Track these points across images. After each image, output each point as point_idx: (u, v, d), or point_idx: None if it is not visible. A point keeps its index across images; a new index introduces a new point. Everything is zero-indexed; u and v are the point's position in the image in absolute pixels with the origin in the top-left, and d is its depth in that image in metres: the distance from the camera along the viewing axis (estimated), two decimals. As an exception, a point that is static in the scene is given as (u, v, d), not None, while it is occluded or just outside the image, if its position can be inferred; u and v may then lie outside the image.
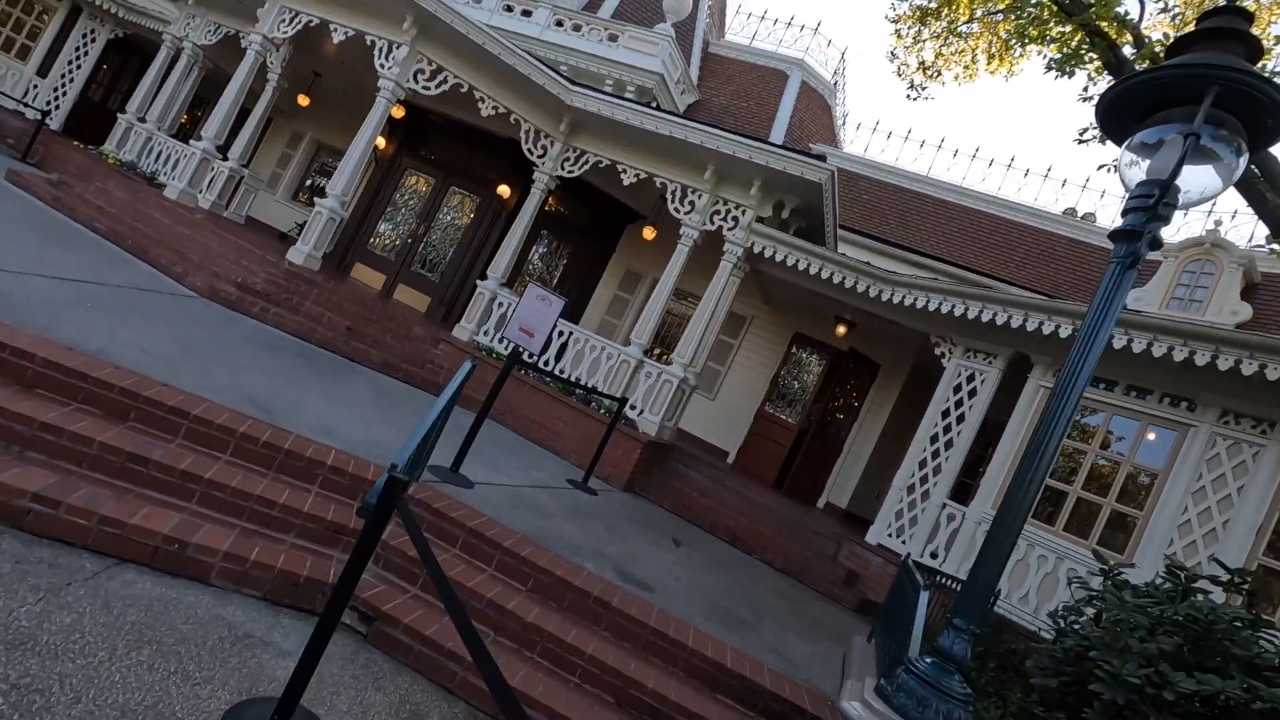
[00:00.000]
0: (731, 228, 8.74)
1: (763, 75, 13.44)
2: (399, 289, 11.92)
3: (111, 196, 9.02)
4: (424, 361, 8.48)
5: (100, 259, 6.67)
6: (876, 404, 10.82)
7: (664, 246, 10.88)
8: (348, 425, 5.01)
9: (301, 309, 7.80)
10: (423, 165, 12.22)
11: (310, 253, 8.71)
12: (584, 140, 9.55)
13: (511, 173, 11.51)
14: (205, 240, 8.43)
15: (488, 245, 11.57)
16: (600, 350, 8.91)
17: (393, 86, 8.82)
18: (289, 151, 15.71)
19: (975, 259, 11.17)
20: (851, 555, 7.92)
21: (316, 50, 11.44)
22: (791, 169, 7.88)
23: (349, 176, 8.89)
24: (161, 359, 4.48)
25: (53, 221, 7.50)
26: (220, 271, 7.65)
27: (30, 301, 4.39)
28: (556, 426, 8.22)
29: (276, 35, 9.70)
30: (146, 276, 6.88)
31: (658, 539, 6.22)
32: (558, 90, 8.87)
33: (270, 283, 7.89)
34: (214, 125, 9.81)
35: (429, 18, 8.42)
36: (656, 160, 9.07)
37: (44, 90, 14.24)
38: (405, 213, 12.33)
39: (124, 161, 11.95)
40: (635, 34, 11.51)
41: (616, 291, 12.45)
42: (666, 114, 8.51)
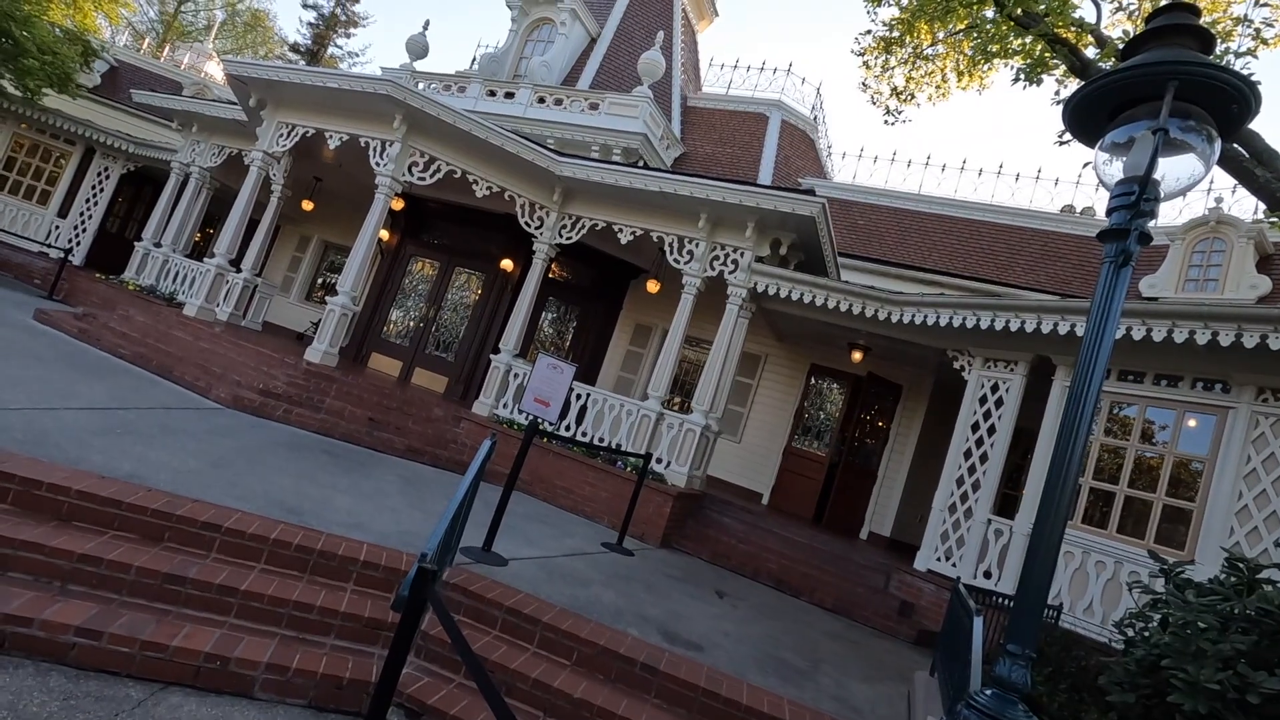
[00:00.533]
0: (732, 271, 8.84)
1: (743, 120, 13.81)
2: (416, 373, 12.10)
3: (134, 322, 9.36)
4: (447, 442, 8.54)
5: (127, 384, 6.89)
6: (905, 426, 10.66)
7: (669, 297, 11.00)
8: (376, 517, 5.03)
9: (323, 406, 7.94)
10: (426, 250, 12.58)
11: (327, 350, 8.93)
12: (578, 206, 9.80)
13: (512, 246, 11.80)
14: (225, 351, 8.68)
15: (497, 319, 11.77)
16: (619, 408, 8.93)
17: (389, 181, 9.17)
18: (298, 255, 16.27)
19: (980, 268, 11.16)
20: (902, 585, 7.68)
21: (315, 156, 11.98)
22: (783, 206, 8.01)
23: (357, 272, 9.17)
24: (191, 475, 4.57)
25: (80, 353, 7.78)
26: (242, 380, 7.85)
27: (63, 435, 4.53)
28: (585, 490, 8.18)
29: (276, 149, 10.18)
30: (172, 395, 7.08)
31: (699, 593, 6.09)
32: (546, 163, 9.17)
33: (291, 384, 8.07)
34: (225, 241, 10.23)
35: (417, 114, 8.82)
36: (650, 216, 9.27)
37: (65, 229, 14.97)
38: (415, 298, 12.63)
39: (143, 286, 12.44)
40: (614, 100, 11.95)
41: (629, 347, 12.55)
42: (654, 171, 8.74)
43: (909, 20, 6.60)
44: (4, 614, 2.97)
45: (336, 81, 8.92)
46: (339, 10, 37.28)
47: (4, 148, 14.96)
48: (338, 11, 37.26)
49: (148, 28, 33.32)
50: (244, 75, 9.79)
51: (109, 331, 8.78)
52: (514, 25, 13.93)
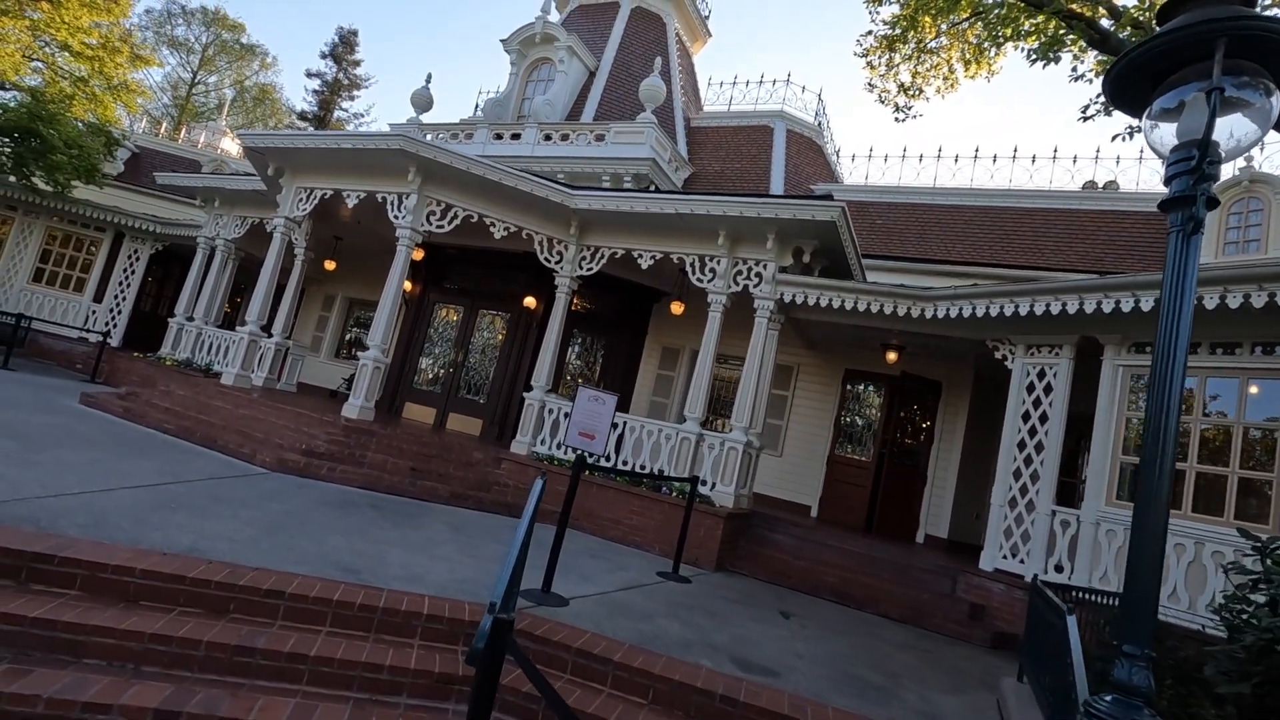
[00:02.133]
0: (756, 284, 8.77)
1: (748, 134, 13.85)
2: (450, 418, 12.15)
3: (175, 396, 9.54)
4: (490, 485, 8.51)
5: (174, 458, 6.98)
6: (949, 422, 10.41)
7: (695, 316, 10.95)
8: (432, 568, 4.99)
9: (365, 460, 7.97)
10: (449, 296, 12.71)
11: (363, 405, 9.00)
12: (595, 237, 9.84)
13: (533, 283, 11.87)
14: (265, 416, 8.79)
15: (526, 357, 11.80)
16: (658, 433, 8.85)
17: (409, 232, 9.31)
18: (324, 314, 16.55)
19: (1007, 255, 10.95)
20: (969, 587, 7.42)
21: (334, 217, 12.23)
22: (802, 214, 7.95)
23: (386, 324, 9.27)
24: (248, 543, 4.57)
25: (127, 432, 7.92)
26: (284, 442, 7.93)
27: (121, 514, 4.58)
28: (632, 520, 8.07)
29: (297, 214, 10.41)
30: (218, 464, 7.15)
31: (763, 616, 5.92)
32: (561, 198, 9.24)
33: (332, 442, 8.13)
34: (254, 308, 10.44)
35: (430, 164, 8.97)
36: (668, 238, 9.26)
37: (101, 313, 15.43)
38: (442, 345, 12.74)
39: (180, 360, 12.73)
40: (619, 129, 12.06)
41: (658, 370, 12.49)
42: (668, 194, 8.76)
43: (911, 16, 6.57)
44: (83, 702, 2.95)
45: (350, 142, 9.13)
46: (341, 75, 38.51)
47: (39, 242, 15.53)
48: (340, 77, 38.49)
49: (163, 113, 34.66)
50: (260, 146, 10.07)
51: (152, 408, 8.95)
52: (513, 69, 14.21)
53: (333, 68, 38.32)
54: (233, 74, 38.51)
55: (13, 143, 13.15)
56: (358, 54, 38.92)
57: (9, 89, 13.90)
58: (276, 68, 45.95)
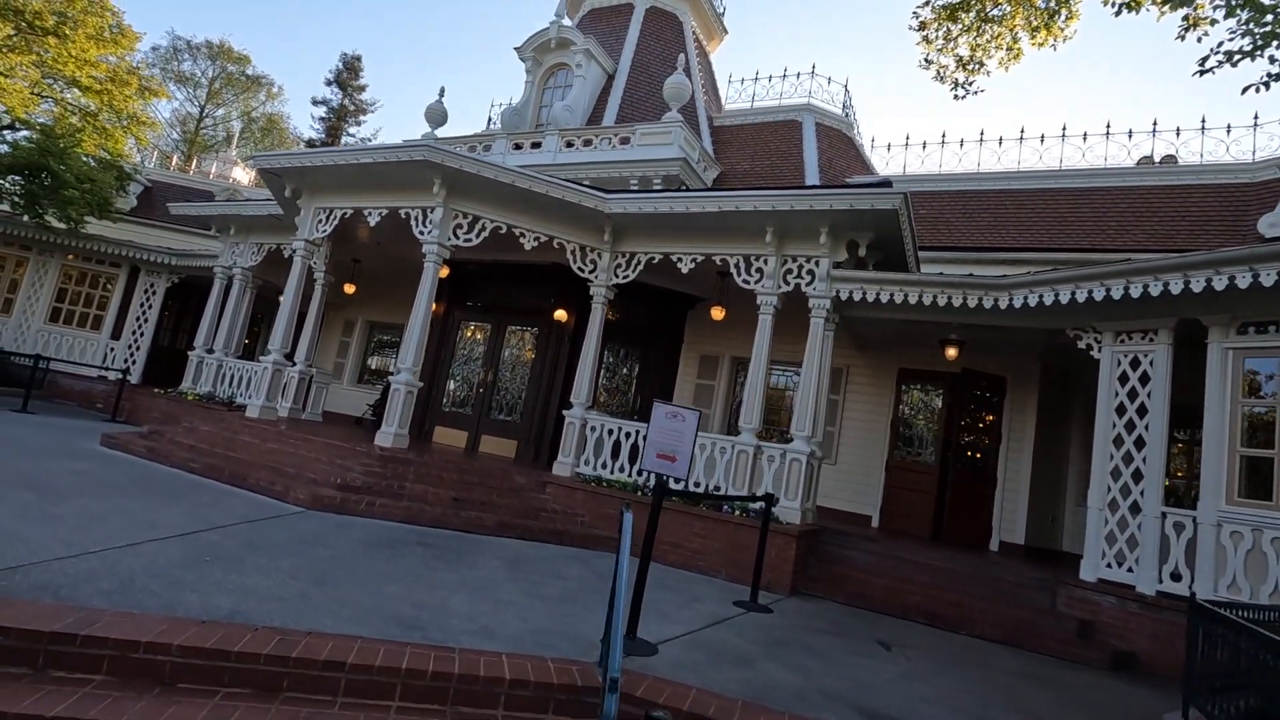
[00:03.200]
0: (809, 282, 8.20)
1: (776, 130, 13.32)
2: (483, 440, 11.64)
3: (199, 433, 9.08)
4: (536, 511, 7.94)
5: (203, 500, 6.48)
6: (1017, 420, 9.74)
7: (736, 322, 10.40)
8: (499, 617, 4.43)
9: (404, 492, 7.44)
10: (475, 314, 12.23)
11: (396, 432, 8.48)
12: (630, 243, 9.32)
13: (563, 295, 11.36)
14: (295, 450, 8.30)
15: (559, 373, 11.28)
16: (712, 446, 8.27)
17: (436, 248, 8.82)
18: (345, 339, 16.14)
19: (1066, 239, 10.30)
20: (1072, 601, 6.74)
21: (352, 239, 11.79)
22: (860, 205, 7.38)
23: (416, 346, 8.78)
24: (295, 600, 4.04)
25: (152, 475, 7.45)
26: (318, 477, 7.42)
27: (150, 574, 4.06)
28: (694, 544, 7.47)
29: (316, 235, 9.97)
30: (250, 504, 6.65)
31: (864, 648, 5.30)
32: (594, 203, 8.73)
33: (368, 473, 7.61)
34: (277, 336, 9.99)
35: (456, 175, 8.50)
36: (710, 240, 8.72)
37: (120, 350, 15.09)
38: (470, 365, 12.24)
39: (202, 395, 12.31)
40: (645, 130, 11.56)
41: (697, 381, 11.91)
42: (710, 191, 8.24)
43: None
44: (116, 823, 2.41)
45: (370, 156, 8.68)
46: (347, 101, 38.47)
47: (55, 281, 15.25)
48: (346, 102, 38.45)
49: (172, 148, 34.75)
50: (276, 167, 9.65)
51: (176, 446, 8.49)
52: (529, 76, 13.78)
53: (338, 94, 38.31)
54: (240, 106, 38.62)
55: (24, 180, 12.87)
56: (362, 79, 38.92)
57: (19, 128, 13.64)
58: (283, 97, 46.06)
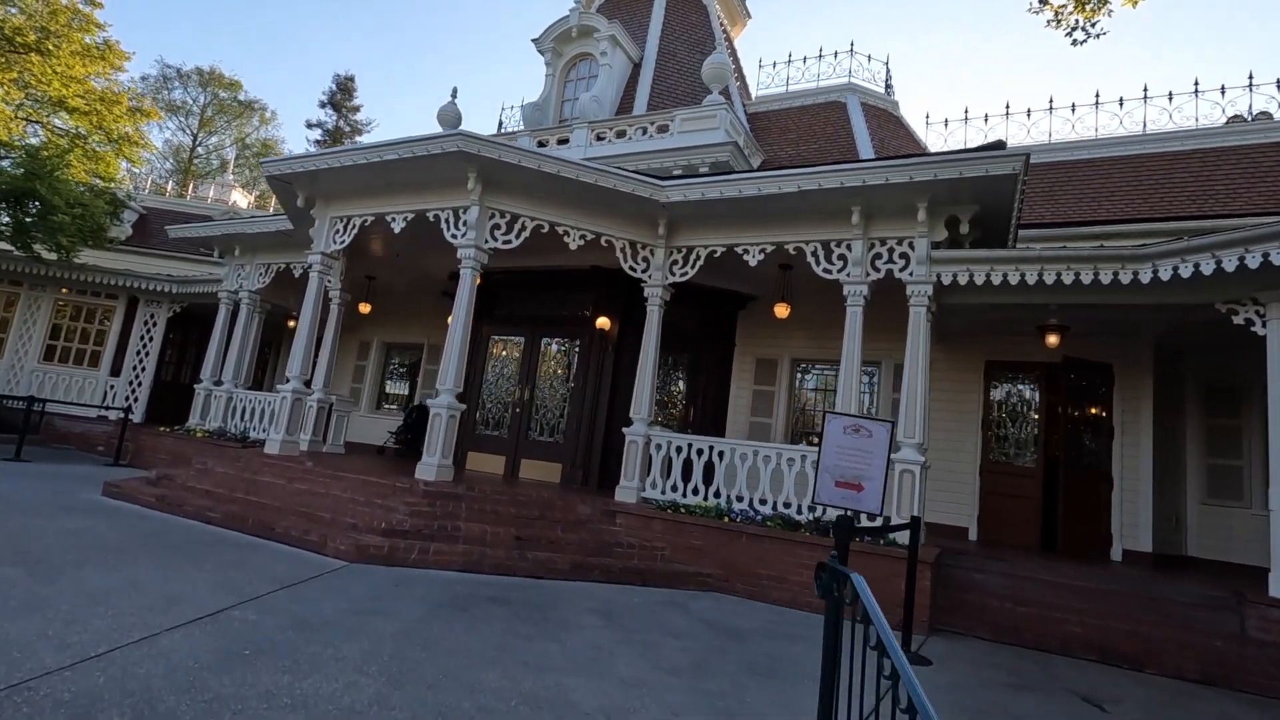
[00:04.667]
0: (903, 267, 7.18)
1: (817, 112, 12.36)
2: (522, 465, 10.59)
3: (214, 475, 8.02)
4: (610, 547, 6.86)
5: (228, 560, 5.41)
6: (1129, 412, 8.68)
7: (795, 320, 9.40)
8: (640, 707, 3.35)
9: (459, 534, 6.37)
10: (506, 328, 11.20)
11: (440, 463, 7.43)
12: (688, 236, 8.31)
13: (605, 301, 10.35)
14: (325, 490, 7.24)
15: (604, 386, 10.25)
16: (800, 460, 7.21)
17: (473, 252, 7.80)
18: (361, 363, 15.10)
19: (1165, 206, 9.29)
20: (1268, 624, 5.65)
21: (366, 254, 10.82)
22: (971, 171, 6.36)
23: (456, 364, 7.74)
24: (374, 709, 2.97)
25: (164, 530, 6.38)
26: (358, 521, 6.35)
27: (174, 685, 2.99)
28: (799, 576, 6.38)
29: (334, 247, 8.96)
30: (284, 560, 5.58)
31: (1072, 708, 4.22)
32: (648, 192, 7.72)
33: (414, 514, 6.54)
34: (296, 361, 8.94)
35: (493, 167, 7.50)
36: (783, 225, 7.71)
37: (120, 388, 14.04)
38: (503, 383, 11.20)
39: (211, 431, 11.28)
40: (686, 115, 10.57)
41: (754, 387, 10.85)
42: (788, 170, 7.23)
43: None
44: None
45: (395, 152, 7.67)
46: (342, 122, 37.70)
47: (48, 317, 14.23)
48: (341, 124, 37.68)
49: (166, 178, 33.89)
50: (287, 173, 8.65)
51: (190, 493, 7.42)
52: (549, 69, 12.82)
53: (333, 116, 37.59)
54: (233, 132, 37.82)
55: (10, 207, 11.88)
56: (356, 99, 38.23)
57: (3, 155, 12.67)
58: (276, 122, 45.34)
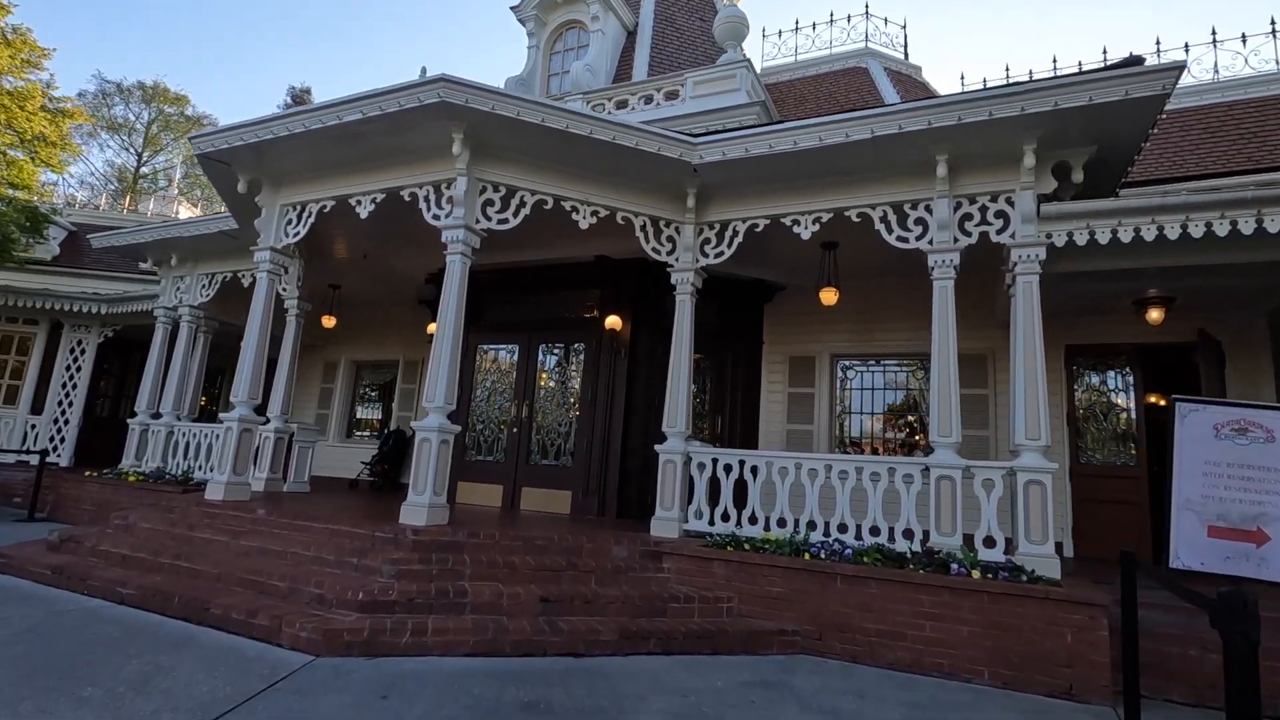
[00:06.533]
0: (1002, 228, 5.80)
1: (836, 80, 11.08)
2: (524, 494, 9.00)
3: (137, 533, 6.24)
4: (663, 602, 5.25)
5: (132, 675, 3.71)
6: (1246, 395, 7.39)
7: (834, 309, 7.96)
8: None
9: (466, 601, 4.72)
10: (497, 334, 9.61)
11: (432, 502, 5.77)
12: (722, 208, 6.84)
13: (615, 298, 8.85)
14: (283, 547, 5.53)
15: (617, 397, 8.71)
16: (888, 473, 5.73)
17: (463, 234, 6.21)
18: (327, 386, 13.30)
19: (1266, 156, 8.12)
20: None
21: (328, 255, 9.17)
22: (1106, 94, 5.00)
23: (447, 376, 6.12)
24: None
25: (53, 620, 4.64)
26: (326, 591, 4.67)
27: None
28: (921, 630, 4.85)
29: (285, 240, 7.30)
30: (218, 665, 3.89)
31: None
32: (678, 152, 6.24)
33: (403, 574, 4.89)
34: (243, 382, 7.20)
35: (484, 124, 5.94)
36: (840, 187, 6.30)
37: (43, 428, 12.05)
38: (496, 399, 9.59)
39: (148, 473, 9.42)
40: (700, 77, 9.13)
41: (789, 389, 9.38)
42: (857, 112, 5.80)
43: None
44: None
45: (358, 110, 6.04)
46: (299, 135, 35.62)
47: (-46, 349, 12.19)
48: (298, 137, 35.60)
49: (101, 184, 31.51)
50: (223, 149, 6.96)
51: (101, 560, 5.65)
52: (531, 40, 11.33)
53: (289, 129, 35.49)
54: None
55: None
56: (314, 111, 36.19)
57: None
58: (228, 142, 42.98)
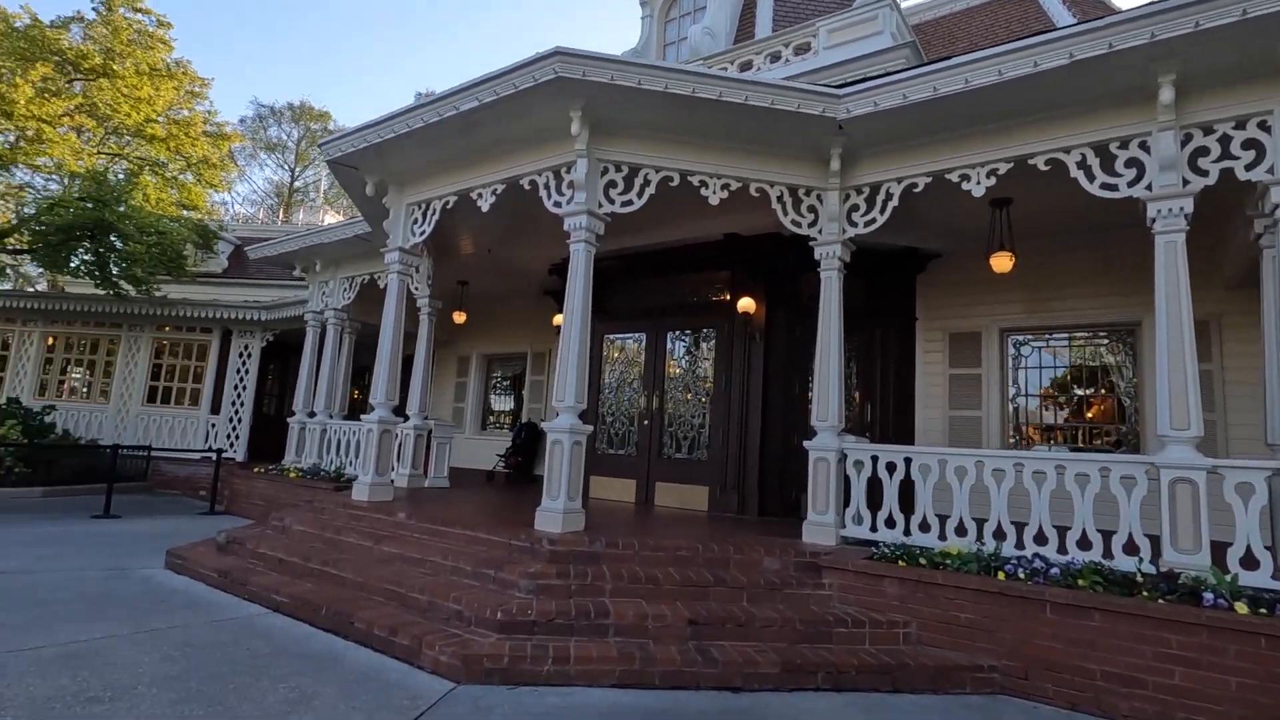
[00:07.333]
0: (1253, 161, 4.52)
1: (996, 10, 9.55)
2: (658, 490, 8.58)
3: (291, 536, 6.43)
4: (828, 626, 4.56)
5: (283, 697, 3.60)
6: None
7: (1013, 276, 6.80)
8: None
9: (608, 622, 4.32)
10: (621, 324, 9.22)
11: (567, 509, 5.44)
12: (872, 168, 5.94)
13: (747, 279, 8.18)
14: (421, 554, 5.41)
15: (753, 386, 8.06)
16: (1095, 476, 4.68)
17: (585, 220, 5.78)
18: (461, 381, 13.65)
19: None
20: None
21: (454, 253, 9.15)
22: None
23: (576, 372, 5.73)
24: None
25: (207, 639, 4.73)
26: (464, 607, 4.43)
27: None
28: (1169, 675, 3.84)
29: (413, 240, 7.25)
30: (361, 690, 3.72)
31: None
32: (821, 107, 5.43)
33: (541, 589, 4.57)
34: (380, 383, 7.26)
35: (603, 97, 5.45)
36: (1020, 129, 5.24)
37: (220, 426, 13.24)
38: (623, 391, 9.22)
39: (306, 469, 9.98)
40: (833, 24, 8.15)
41: (949, 370, 8.28)
42: (1055, 31, 4.73)
43: None
44: None
45: (473, 98, 5.75)
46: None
47: (148, 358, 13.62)
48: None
49: (262, 200, 34.70)
50: (349, 153, 6.99)
51: (259, 563, 5.83)
52: (644, 10, 10.80)
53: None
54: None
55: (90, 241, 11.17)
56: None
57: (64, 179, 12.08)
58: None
